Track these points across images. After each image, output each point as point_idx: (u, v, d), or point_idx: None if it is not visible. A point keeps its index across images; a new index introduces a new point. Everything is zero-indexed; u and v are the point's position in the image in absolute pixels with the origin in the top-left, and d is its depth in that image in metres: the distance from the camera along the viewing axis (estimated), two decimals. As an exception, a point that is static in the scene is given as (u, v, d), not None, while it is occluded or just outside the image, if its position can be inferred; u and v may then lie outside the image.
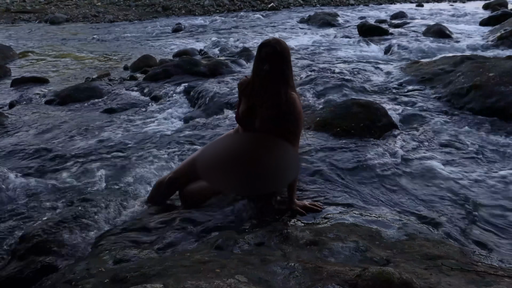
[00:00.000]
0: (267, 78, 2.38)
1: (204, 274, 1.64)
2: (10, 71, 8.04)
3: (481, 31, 10.17)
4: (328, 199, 2.66)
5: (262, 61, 2.38)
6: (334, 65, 7.11)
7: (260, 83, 2.42)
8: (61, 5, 20.25)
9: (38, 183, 3.36)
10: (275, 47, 2.36)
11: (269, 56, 2.36)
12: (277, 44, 2.38)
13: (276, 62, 2.36)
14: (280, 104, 2.40)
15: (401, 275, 1.53)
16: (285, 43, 2.46)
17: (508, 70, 4.75)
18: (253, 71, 2.48)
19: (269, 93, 2.41)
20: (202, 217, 2.41)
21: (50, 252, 2.25)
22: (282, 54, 2.37)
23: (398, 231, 2.21)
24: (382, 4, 20.98)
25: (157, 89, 6.01)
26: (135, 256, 2.03)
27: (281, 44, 2.40)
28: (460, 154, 3.54)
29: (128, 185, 3.22)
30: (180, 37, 12.26)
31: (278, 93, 2.39)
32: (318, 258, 1.88)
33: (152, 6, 19.51)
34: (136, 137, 4.41)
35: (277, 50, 2.36)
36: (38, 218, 2.79)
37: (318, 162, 3.20)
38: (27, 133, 4.68)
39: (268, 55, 2.36)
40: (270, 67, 2.35)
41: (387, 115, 3.99)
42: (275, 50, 2.36)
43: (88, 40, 12.33)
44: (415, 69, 6.03)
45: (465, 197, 2.86)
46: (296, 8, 19.60)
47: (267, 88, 2.41)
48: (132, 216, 2.67)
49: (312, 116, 4.05)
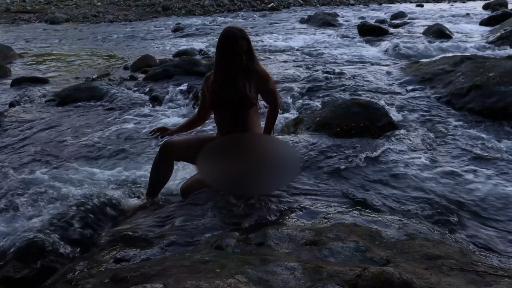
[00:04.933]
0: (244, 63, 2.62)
1: (204, 274, 1.64)
2: (10, 71, 8.04)
3: (481, 31, 10.18)
4: (328, 199, 2.66)
5: (235, 55, 2.58)
6: (334, 65, 7.11)
7: (238, 68, 2.63)
8: (61, 5, 20.26)
9: (38, 183, 3.36)
10: (242, 35, 2.59)
11: (241, 47, 2.57)
12: (240, 31, 2.61)
13: (248, 45, 2.61)
14: (258, 77, 2.69)
15: (401, 275, 1.53)
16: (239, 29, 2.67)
17: (508, 70, 4.75)
18: (225, 60, 2.62)
19: (246, 73, 2.67)
20: (202, 217, 2.41)
21: (50, 252, 2.25)
22: (248, 38, 2.63)
23: (398, 231, 2.21)
24: (382, 4, 21.00)
25: (157, 89, 6.02)
26: (135, 256, 2.03)
27: (242, 30, 2.65)
28: (460, 154, 3.54)
29: (128, 185, 3.22)
30: (180, 37, 12.26)
31: (254, 70, 2.68)
32: (318, 258, 1.87)
33: (152, 6, 19.52)
34: (136, 137, 4.41)
35: (245, 36, 2.60)
36: (38, 218, 2.79)
37: (318, 162, 3.21)
38: (27, 133, 4.68)
39: (240, 47, 2.57)
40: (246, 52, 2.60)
41: (387, 115, 3.99)
42: (244, 36, 2.60)
43: (88, 40, 12.33)
44: (415, 69, 6.03)
45: (464, 197, 2.86)
46: (296, 8, 19.62)
47: (246, 69, 2.65)
48: (132, 215, 2.67)
49: (312, 116, 4.05)
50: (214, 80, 2.73)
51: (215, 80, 2.72)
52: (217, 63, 2.67)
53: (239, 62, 2.60)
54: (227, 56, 2.60)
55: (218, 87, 2.71)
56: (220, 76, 2.69)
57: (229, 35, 2.57)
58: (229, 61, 2.61)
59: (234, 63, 2.60)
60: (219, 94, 2.72)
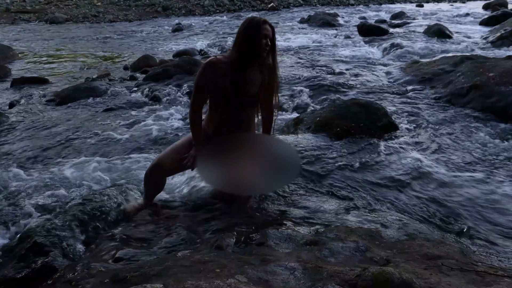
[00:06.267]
0: (267, 51, 2.49)
1: (204, 274, 1.65)
2: (10, 71, 8.03)
3: (481, 31, 10.18)
4: (328, 199, 2.66)
5: (261, 37, 2.43)
6: (334, 65, 7.11)
7: (259, 57, 2.49)
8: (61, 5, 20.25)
9: (37, 183, 3.36)
10: (269, 22, 2.49)
11: (268, 31, 2.45)
12: (265, 20, 2.50)
13: (273, 35, 2.49)
14: (273, 71, 2.59)
15: (401, 275, 1.53)
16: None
17: (508, 70, 4.75)
18: (248, 47, 2.47)
19: (268, 64, 2.55)
20: (202, 217, 2.41)
21: (50, 252, 2.25)
22: (273, 26, 2.51)
23: (398, 231, 2.21)
24: (382, 4, 21.00)
25: (157, 89, 6.01)
26: (135, 256, 2.03)
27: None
28: (460, 155, 3.54)
29: (128, 185, 3.21)
30: (180, 37, 12.26)
31: (273, 61, 2.56)
32: (318, 258, 1.88)
33: (152, 6, 19.51)
34: (136, 137, 4.41)
35: (270, 23, 2.48)
36: (38, 218, 2.79)
37: (318, 162, 3.20)
38: (26, 133, 4.68)
39: (267, 31, 2.45)
40: (270, 41, 2.47)
41: (387, 115, 3.99)
42: (270, 24, 2.48)
43: (88, 40, 12.32)
44: (415, 69, 6.03)
45: (464, 197, 2.86)
46: (296, 8, 19.61)
47: (268, 59, 2.54)
48: (132, 216, 2.66)
49: (312, 116, 4.05)
50: (234, 68, 2.49)
51: (235, 69, 2.49)
52: (239, 49, 2.46)
53: (264, 48, 2.45)
54: (253, 40, 2.42)
55: (240, 76, 2.50)
56: (242, 64, 2.49)
57: (256, 20, 2.47)
58: (255, 46, 2.43)
59: (259, 49, 2.44)
60: (241, 83, 2.52)
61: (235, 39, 2.51)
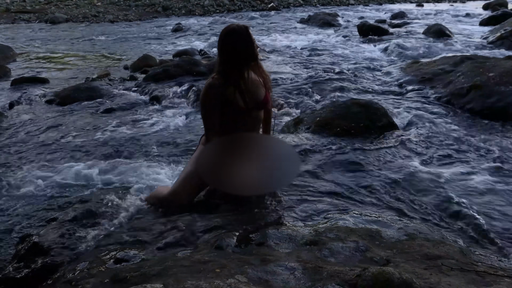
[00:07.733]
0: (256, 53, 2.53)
1: (204, 274, 1.65)
2: (10, 71, 8.03)
3: (481, 31, 10.18)
4: (328, 199, 2.66)
5: (251, 43, 2.47)
6: (334, 65, 7.12)
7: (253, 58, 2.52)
8: (61, 5, 20.26)
9: (37, 183, 3.36)
10: (245, 27, 2.51)
11: (251, 35, 2.49)
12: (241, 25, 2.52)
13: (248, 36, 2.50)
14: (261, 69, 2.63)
15: (401, 275, 1.53)
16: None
17: (508, 70, 4.75)
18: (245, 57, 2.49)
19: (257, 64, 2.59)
20: (202, 217, 2.41)
21: (50, 252, 2.24)
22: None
23: (398, 231, 2.21)
24: (382, 4, 21.00)
25: (157, 89, 6.01)
26: (135, 256, 2.03)
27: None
28: (460, 155, 3.54)
29: (128, 185, 3.22)
30: (180, 37, 12.26)
31: (260, 66, 2.62)
32: (318, 258, 1.88)
33: (152, 6, 19.51)
34: (136, 137, 4.41)
35: (248, 29, 2.51)
36: (38, 218, 2.79)
37: (318, 162, 3.21)
38: (26, 133, 4.68)
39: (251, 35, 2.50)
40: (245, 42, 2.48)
41: (387, 115, 3.99)
42: (247, 28, 2.51)
43: (88, 40, 12.32)
44: (415, 69, 6.03)
45: (464, 197, 2.86)
46: (296, 8, 19.61)
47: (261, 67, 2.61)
48: (132, 216, 2.66)
49: (312, 116, 4.05)
50: (235, 80, 2.49)
51: (237, 80, 2.49)
52: (229, 60, 2.47)
53: (254, 52, 2.46)
54: (240, 48, 2.44)
55: (246, 85, 2.51)
56: (237, 74, 2.49)
57: (233, 27, 2.48)
58: (246, 52, 2.45)
59: (248, 54, 2.46)
60: (251, 92, 2.54)
61: (221, 53, 2.53)
